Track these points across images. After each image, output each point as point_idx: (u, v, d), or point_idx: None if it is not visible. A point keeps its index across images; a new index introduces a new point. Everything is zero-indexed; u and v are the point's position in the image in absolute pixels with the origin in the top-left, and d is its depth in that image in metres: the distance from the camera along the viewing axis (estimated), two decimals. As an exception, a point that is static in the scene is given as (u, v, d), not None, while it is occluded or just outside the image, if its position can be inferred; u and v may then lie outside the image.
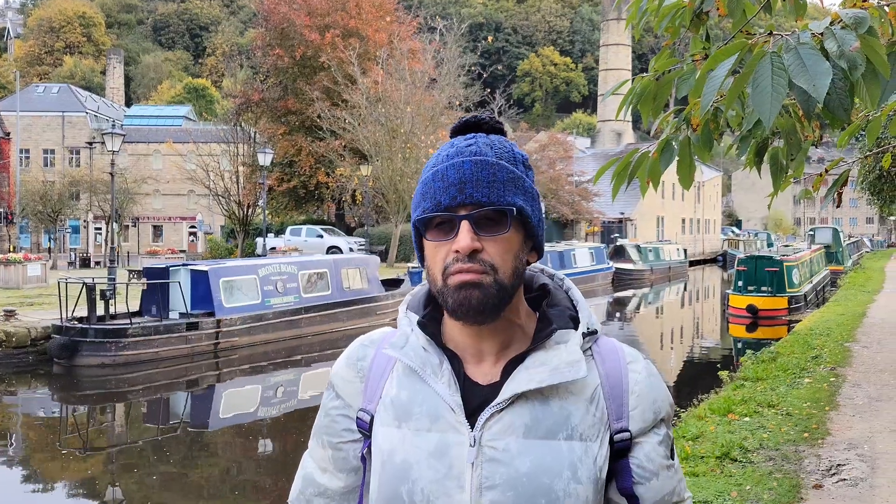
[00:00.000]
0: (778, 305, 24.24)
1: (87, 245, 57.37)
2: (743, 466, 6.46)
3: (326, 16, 40.36)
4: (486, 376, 1.29)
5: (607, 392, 1.29)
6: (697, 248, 66.86)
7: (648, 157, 2.67)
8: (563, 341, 1.28)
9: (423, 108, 34.99)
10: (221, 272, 18.52)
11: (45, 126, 63.57)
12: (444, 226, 1.26)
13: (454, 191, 1.24)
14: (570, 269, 36.20)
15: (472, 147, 1.28)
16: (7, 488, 10.10)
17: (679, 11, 2.84)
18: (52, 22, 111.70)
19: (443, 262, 1.25)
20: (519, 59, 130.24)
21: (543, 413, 1.24)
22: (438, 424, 1.26)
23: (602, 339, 1.35)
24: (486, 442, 1.23)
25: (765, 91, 1.43)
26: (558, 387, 1.25)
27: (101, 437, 12.99)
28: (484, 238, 1.24)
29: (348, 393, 1.38)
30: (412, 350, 1.30)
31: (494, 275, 1.23)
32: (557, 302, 1.35)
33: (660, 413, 1.31)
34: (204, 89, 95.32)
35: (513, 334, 1.31)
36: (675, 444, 1.37)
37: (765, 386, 9.89)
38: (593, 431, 1.25)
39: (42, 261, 28.98)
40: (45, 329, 16.87)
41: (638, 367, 1.32)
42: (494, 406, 1.24)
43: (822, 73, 1.41)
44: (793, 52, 1.46)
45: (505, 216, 1.25)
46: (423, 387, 1.29)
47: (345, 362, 1.40)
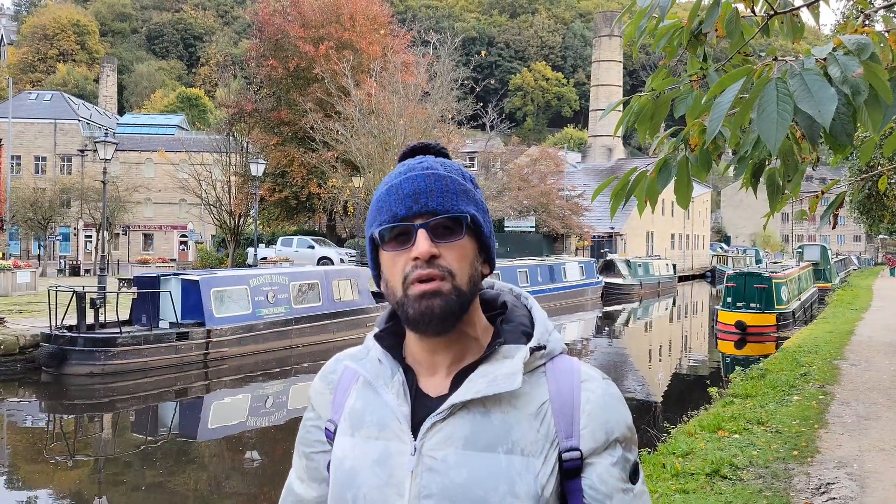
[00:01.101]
0: (766, 322, 24.33)
1: (77, 252, 57.09)
2: (733, 484, 6.47)
3: (321, 28, 40.44)
4: (437, 388, 1.32)
5: (556, 409, 1.29)
6: (686, 263, 67.06)
7: (646, 177, 2.69)
8: (510, 355, 1.30)
9: (415, 120, 35.02)
10: (212, 282, 18.47)
11: (37, 133, 63.38)
12: (401, 237, 1.30)
13: (409, 201, 1.28)
14: (560, 282, 36.27)
15: (423, 163, 1.33)
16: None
17: (677, 32, 2.87)
18: (45, 29, 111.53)
19: (402, 272, 1.28)
20: (511, 73, 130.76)
21: (483, 425, 1.26)
22: (385, 433, 1.30)
23: (561, 357, 1.36)
24: (427, 451, 1.26)
25: (770, 117, 1.45)
26: (500, 399, 1.27)
27: (89, 446, 12.90)
28: (440, 245, 1.28)
29: (321, 405, 1.43)
30: (368, 362, 1.35)
31: (452, 280, 1.27)
32: (514, 318, 1.37)
33: (612, 434, 1.30)
34: (197, 99, 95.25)
35: (467, 347, 1.34)
36: (640, 468, 1.34)
37: (754, 403, 9.92)
38: (536, 447, 1.26)
39: (31, 268, 28.84)
40: (34, 337, 16.77)
41: (592, 385, 1.32)
42: (435, 416, 1.27)
43: (827, 99, 1.43)
44: (797, 77, 1.48)
45: (459, 223, 1.29)
46: (376, 397, 1.33)
47: (319, 377, 1.46)
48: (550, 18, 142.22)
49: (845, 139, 1.57)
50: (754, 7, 2.72)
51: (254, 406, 15.42)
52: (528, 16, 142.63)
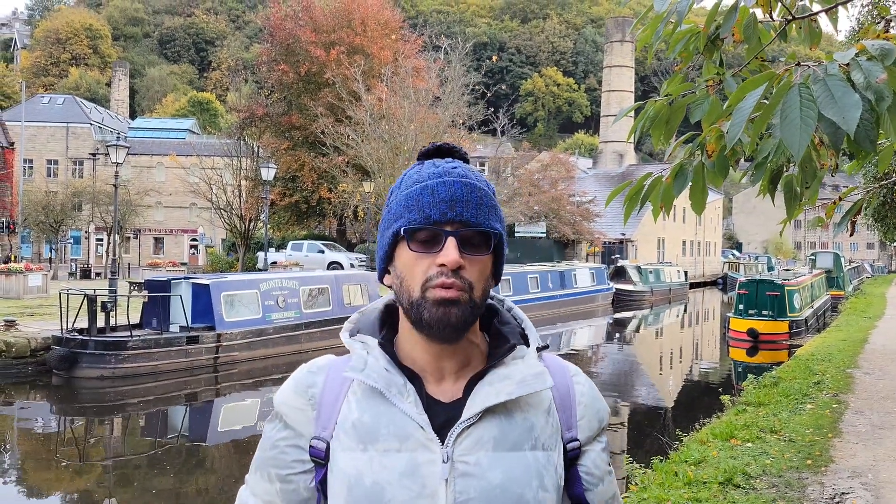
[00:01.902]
0: (778, 329, 24.19)
1: (89, 256, 57.34)
2: (746, 493, 6.41)
3: (332, 32, 40.54)
4: (448, 394, 1.32)
5: (558, 404, 1.36)
6: (698, 270, 66.83)
7: (661, 183, 2.66)
8: (520, 356, 1.33)
9: (426, 125, 35.02)
10: (223, 286, 18.49)
11: (50, 137, 63.74)
12: (428, 239, 1.29)
13: (445, 207, 1.27)
14: (571, 288, 36.18)
15: (458, 170, 1.32)
16: (3, 499, 10.03)
17: (693, 37, 2.84)
18: (58, 33, 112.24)
19: (423, 275, 1.28)
20: (522, 78, 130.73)
21: (510, 426, 1.29)
22: (408, 444, 1.27)
23: (547, 356, 1.41)
24: (458, 457, 1.26)
25: (794, 122, 1.43)
26: (520, 400, 1.31)
27: (99, 449, 12.92)
28: (466, 256, 1.28)
29: (298, 421, 1.36)
30: (374, 372, 1.31)
31: (471, 293, 1.27)
32: (507, 321, 1.41)
33: (603, 422, 1.41)
34: (208, 103, 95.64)
35: (471, 353, 1.35)
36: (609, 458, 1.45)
37: (767, 411, 9.84)
38: (552, 441, 1.32)
39: (43, 271, 28.95)
40: (45, 340, 16.83)
41: (581, 379, 1.41)
42: (465, 421, 1.27)
43: (851, 106, 1.40)
44: (821, 83, 1.46)
45: (488, 239, 1.30)
46: (388, 408, 1.30)
47: (293, 391, 1.39)
48: (562, 24, 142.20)
49: (869, 146, 1.54)
50: (772, 12, 2.69)
51: (263, 410, 15.42)
52: (539, 21, 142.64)
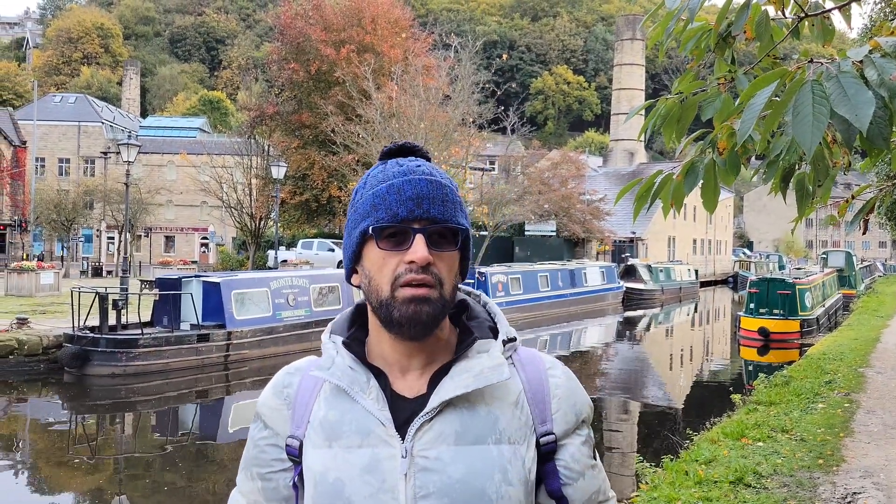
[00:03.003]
0: (790, 328, 24.08)
1: (100, 254, 57.60)
2: (757, 492, 6.39)
3: (342, 31, 40.56)
4: (413, 389, 1.32)
5: (530, 397, 1.35)
6: (708, 268, 66.60)
7: (672, 180, 2.65)
8: (485, 350, 1.33)
9: (436, 124, 35.00)
10: (233, 284, 18.54)
11: (61, 135, 64.02)
12: (395, 237, 1.29)
13: (412, 205, 1.28)
14: (581, 287, 36.11)
15: (422, 168, 1.33)
16: (15, 495, 10.10)
17: (705, 34, 2.83)
18: (70, 33, 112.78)
19: (392, 273, 1.28)
20: (532, 77, 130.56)
21: (472, 419, 1.28)
22: (369, 440, 1.28)
23: (521, 348, 1.40)
24: (418, 452, 1.26)
25: (805, 120, 1.42)
26: (484, 393, 1.30)
27: (110, 446, 12.97)
28: (434, 253, 1.28)
29: (276, 421, 1.39)
30: (339, 370, 1.32)
31: (440, 289, 1.28)
32: (476, 315, 1.41)
33: (581, 414, 1.38)
34: (219, 102, 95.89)
35: (438, 348, 1.35)
36: (596, 448, 1.44)
37: (778, 410, 9.80)
38: (520, 435, 1.31)
39: (55, 269, 29.11)
40: (57, 337, 16.92)
41: (557, 372, 1.39)
42: (424, 416, 1.27)
43: (864, 103, 1.39)
44: (834, 80, 1.44)
45: (455, 235, 1.31)
46: (352, 405, 1.31)
47: (271, 392, 1.42)
48: (572, 22, 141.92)
49: (882, 143, 1.53)
50: (784, 9, 2.68)
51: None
52: (549, 19, 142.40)
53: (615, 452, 12.33)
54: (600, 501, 1.39)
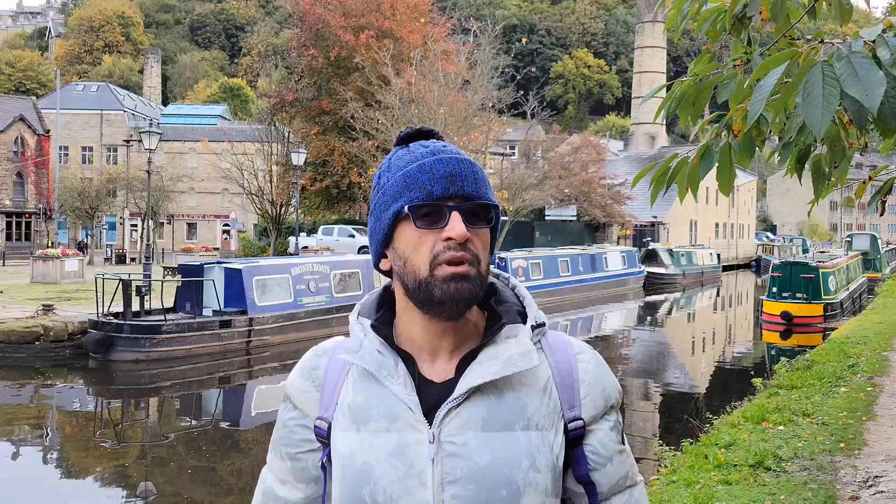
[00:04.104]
0: (813, 312, 23.89)
1: (123, 241, 58.12)
2: (777, 476, 6.37)
3: (361, 17, 40.49)
4: (441, 374, 1.31)
5: (559, 382, 1.33)
6: (731, 253, 66.11)
7: (688, 164, 2.64)
8: (513, 335, 1.31)
9: (455, 109, 34.93)
10: (255, 271, 18.67)
11: (84, 124, 64.50)
12: (430, 216, 1.28)
13: (446, 182, 1.27)
14: (602, 272, 36.00)
15: (448, 148, 1.32)
16: (44, 479, 10.27)
17: (720, 15, 2.81)
18: (91, 21, 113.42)
19: (430, 252, 1.27)
20: (552, 61, 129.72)
21: (500, 406, 1.27)
22: (397, 424, 1.27)
23: (550, 333, 1.38)
24: (445, 438, 1.25)
25: (816, 100, 1.41)
26: (512, 379, 1.29)
27: (135, 430, 13.16)
28: (470, 230, 1.27)
29: (304, 403, 1.39)
30: (367, 353, 1.32)
31: (478, 267, 1.27)
32: (505, 299, 1.38)
33: (610, 400, 1.36)
34: (239, 89, 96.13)
35: (467, 332, 1.34)
36: (624, 432, 1.41)
37: (799, 394, 9.75)
38: (548, 421, 1.30)
39: (79, 256, 29.42)
40: (82, 324, 17.14)
41: (586, 357, 1.37)
42: (451, 402, 1.27)
43: (875, 83, 1.38)
44: (845, 60, 1.43)
45: (488, 211, 1.30)
46: (380, 389, 1.30)
47: (299, 373, 1.41)
48: (592, 4, 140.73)
49: (894, 123, 1.52)
50: (801, -11, 2.65)
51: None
52: (569, 2, 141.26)
53: (637, 437, 12.34)
54: (628, 486, 1.38)
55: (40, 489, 9.87)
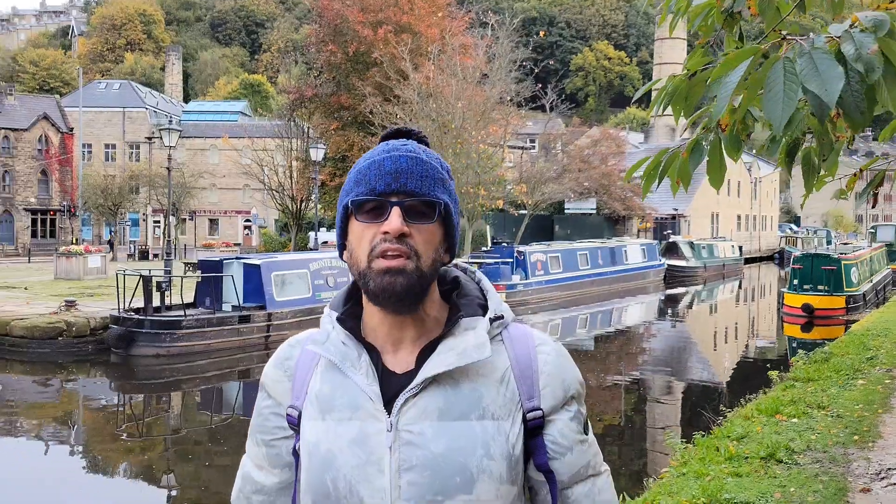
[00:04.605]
0: (835, 305, 23.71)
1: (146, 238, 58.64)
2: (788, 468, 6.36)
3: (379, 12, 40.56)
4: (403, 365, 1.36)
5: (518, 374, 1.37)
6: (753, 245, 65.60)
7: (679, 157, 2.66)
8: (472, 327, 1.35)
9: (473, 103, 34.91)
10: (273, 266, 18.81)
11: (107, 121, 65.06)
12: (375, 210, 1.33)
13: (389, 178, 1.32)
14: (622, 265, 35.87)
15: (406, 146, 1.37)
16: (69, 473, 10.43)
17: (712, 10, 2.83)
18: (114, 20, 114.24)
19: (370, 244, 1.32)
20: (572, 53, 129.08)
21: (456, 396, 1.32)
22: (358, 414, 1.33)
23: (514, 325, 1.43)
24: (403, 426, 1.30)
25: (776, 96, 1.44)
26: (469, 370, 1.33)
27: (157, 424, 13.33)
28: (411, 225, 1.32)
29: (278, 392, 1.45)
30: (332, 345, 1.37)
31: (417, 261, 1.31)
32: (468, 293, 1.43)
33: (569, 391, 1.40)
34: (260, 85, 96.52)
35: (428, 325, 1.38)
36: (588, 421, 1.46)
37: (815, 387, 9.70)
38: (505, 411, 1.34)
39: (102, 253, 29.77)
40: (104, 319, 17.36)
41: (547, 349, 1.41)
42: (408, 392, 1.31)
43: (834, 78, 1.41)
44: (806, 56, 1.46)
45: (433, 208, 1.34)
46: (344, 379, 1.36)
47: (274, 364, 1.48)
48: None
49: (858, 116, 1.54)
50: (790, -17, 2.67)
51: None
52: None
53: (656, 430, 12.34)
54: (590, 475, 1.42)
55: (66, 482, 10.04)
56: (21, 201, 53.19)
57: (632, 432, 12.59)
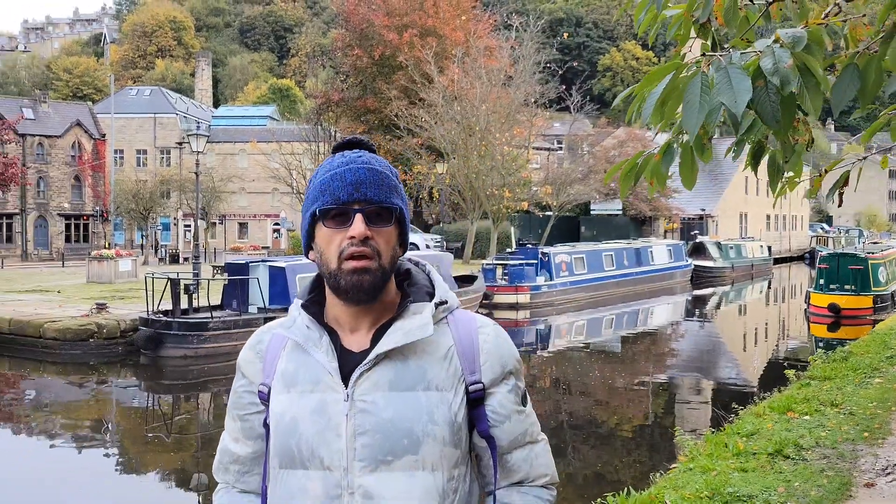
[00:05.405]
0: (862, 305, 23.52)
1: (177, 241, 59.44)
2: (795, 463, 6.45)
3: (404, 16, 40.92)
4: (359, 345, 1.57)
5: (461, 351, 1.57)
6: (783, 245, 64.97)
7: (652, 160, 2.82)
8: (419, 311, 1.56)
9: (498, 105, 35.08)
10: (298, 269, 19.07)
11: (138, 127, 66.05)
12: (339, 217, 1.54)
13: (351, 189, 1.53)
14: (647, 266, 35.78)
15: (362, 158, 1.58)
16: (105, 473, 10.71)
17: (684, 20, 2.98)
18: (144, 27, 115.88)
19: (338, 248, 1.53)
20: (600, 54, 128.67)
21: (404, 370, 1.52)
22: (319, 387, 1.54)
23: (459, 311, 1.63)
24: (358, 397, 1.51)
25: (693, 107, 1.61)
26: (416, 347, 1.53)
27: (187, 425, 13.60)
28: (372, 228, 1.53)
29: (251, 372, 1.65)
30: (297, 329, 1.58)
31: (379, 260, 1.53)
32: (417, 282, 1.64)
33: (507, 367, 1.60)
34: (288, 90, 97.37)
35: (383, 310, 1.59)
36: (527, 395, 1.65)
37: (831, 385, 9.74)
38: (448, 383, 1.54)
39: (132, 257, 30.32)
40: (133, 322, 17.74)
41: (487, 330, 1.62)
42: (363, 366, 1.52)
43: (743, 91, 1.58)
44: (723, 71, 1.63)
45: (390, 213, 1.56)
46: (307, 358, 1.56)
47: (247, 347, 1.68)
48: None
49: (774, 124, 1.70)
50: (755, -6, 2.81)
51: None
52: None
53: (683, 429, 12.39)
54: (528, 442, 1.62)
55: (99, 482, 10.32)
56: (55, 207, 54.23)
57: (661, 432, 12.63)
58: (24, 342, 17.74)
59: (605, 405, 14.46)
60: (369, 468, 1.49)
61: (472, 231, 37.49)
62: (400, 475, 1.49)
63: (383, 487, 1.48)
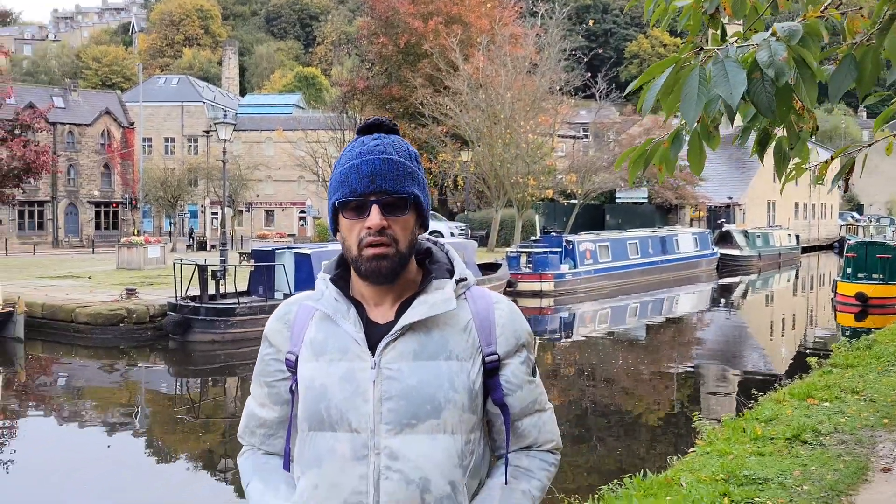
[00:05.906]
0: (890, 294, 23.30)
1: (205, 229, 60.02)
2: (812, 448, 6.51)
3: (430, 3, 40.91)
4: (384, 317, 1.69)
5: (478, 325, 1.69)
6: (812, 233, 64.28)
7: (661, 147, 2.91)
8: (441, 287, 1.69)
9: (523, 93, 35.03)
10: (323, 255, 19.25)
11: (166, 116, 66.59)
12: (358, 208, 1.66)
13: (367, 181, 1.64)
14: (673, 254, 35.63)
15: (379, 147, 1.68)
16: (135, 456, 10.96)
17: (695, 11, 3.06)
18: (172, 16, 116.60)
19: (357, 237, 1.65)
20: (627, 40, 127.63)
21: (427, 341, 1.65)
22: (347, 355, 1.66)
23: (476, 287, 1.76)
24: (384, 365, 1.63)
25: (691, 99, 1.70)
26: (438, 320, 1.66)
27: (214, 408, 13.86)
28: (389, 218, 1.65)
29: (278, 341, 1.77)
30: (326, 301, 1.71)
31: (396, 247, 1.65)
32: (438, 259, 1.77)
33: (520, 339, 1.73)
34: (314, 78, 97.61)
35: (405, 286, 1.71)
36: (536, 366, 1.78)
37: (853, 373, 9.75)
38: (467, 354, 1.66)
39: (161, 243, 30.74)
40: (162, 307, 18.06)
41: (502, 305, 1.74)
42: (389, 336, 1.65)
43: (738, 83, 1.67)
44: (719, 64, 1.72)
45: (405, 202, 1.66)
46: (336, 328, 1.69)
47: (275, 318, 1.81)
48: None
49: (770, 114, 1.79)
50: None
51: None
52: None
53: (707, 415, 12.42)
54: (537, 410, 1.75)
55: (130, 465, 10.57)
56: (85, 194, 54.98)
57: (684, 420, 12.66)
58: (57, 326, 18.15)
59: (628, 393, 14.53)
60: (395, 430, 1.60)
61: (496, 219, 37.53)
62: (423, 437, 1.60)
63: (407, 448, 1.60)
